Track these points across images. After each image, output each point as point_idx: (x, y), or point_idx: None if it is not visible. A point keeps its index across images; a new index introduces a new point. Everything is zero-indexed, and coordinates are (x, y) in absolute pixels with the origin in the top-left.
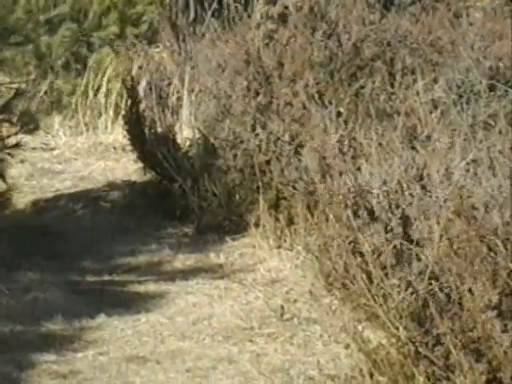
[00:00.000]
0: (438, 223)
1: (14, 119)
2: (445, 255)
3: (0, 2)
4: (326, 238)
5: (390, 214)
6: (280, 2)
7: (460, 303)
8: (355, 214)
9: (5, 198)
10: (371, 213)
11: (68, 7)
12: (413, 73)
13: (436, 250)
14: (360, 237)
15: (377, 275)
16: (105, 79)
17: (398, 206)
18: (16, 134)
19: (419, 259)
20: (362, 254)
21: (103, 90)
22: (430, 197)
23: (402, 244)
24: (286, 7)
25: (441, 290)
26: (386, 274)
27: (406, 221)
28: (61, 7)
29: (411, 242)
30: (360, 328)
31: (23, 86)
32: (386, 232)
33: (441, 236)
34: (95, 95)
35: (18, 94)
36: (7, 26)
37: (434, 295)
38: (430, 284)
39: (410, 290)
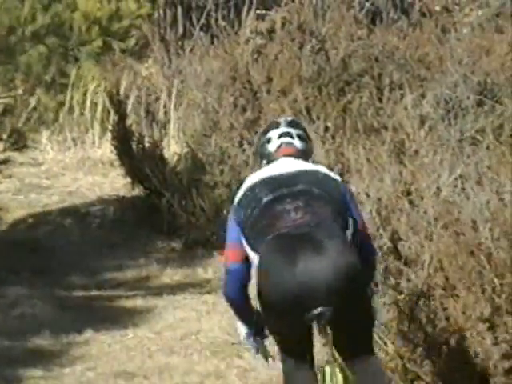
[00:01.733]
0: (429, 239)
1: (3, 136)
2: (435, 271)
3: None
4: None
5: (381, 232)
6: (268, 18)
7: (448, 319)
8: None
9: None
10: None
11: (49, 19)
12: (400, 88)
13: (426, 267)
14: None
15: None
16: (89, 94)
17: (389, 224)
18: (4, 150)
19: (409, 280)
20: None
21: (88, 104)
22: (418, 212)
23: (392, 262)
24: (275, 22)
25: (428, 306)
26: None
27: (395, 238)
28: (43, 18)
29: (400, 257)
30: None
31: (11, 101)
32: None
33: (431, 255)
34: (81, 110)
35: (6, 110)
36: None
37: (423, 311)
38: (418, 301)
39: (399, 309)
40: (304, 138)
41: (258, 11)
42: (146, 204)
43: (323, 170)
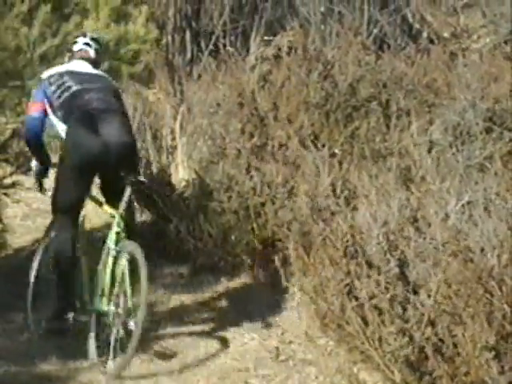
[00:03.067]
0: (437, 266)
1: (11, 159)
2: (442, 298)
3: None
4: (322, 279)
5: (388, 257)
6: (274, 44)
7: (455, 346)
8: (351, 258)
9: (0, 238)
10: (367, 258)
11: (58, 41)
12: (408, 114)
13: (434, 294)
14: (357, 283)
15: (373, 320)
16: None
17: (396, 249)
18: (12, 174)
19: (416, 308)
20: (357, 298)
21: None
22: (425, 239)
23: (398, 290)
24: (280, 49)
25: (436, 334)
26: (383, 321)
27: (403, 263)
28: (52, 40)
29: (408, 283)
30: (355, 370)
31: (19, 126)
32: (385, 276)
33: (438, 281)
34: None
35: (14, 134)
36: (7, 70)
37: (430, 340)
38: (426, 330)
39: (406, 338)
40: (99, 51)
41: (265, 37)
42: (154, 229)
43: (108, 76)
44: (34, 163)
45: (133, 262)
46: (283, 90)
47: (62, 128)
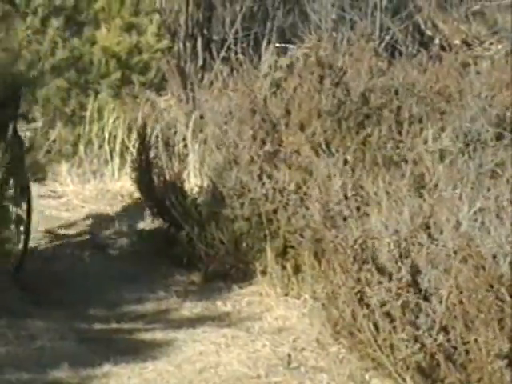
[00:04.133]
0: (448, 273)
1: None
2: (453, 305)
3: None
4: (333, 286)
5: (399, 264)
6: (290, 54)
7: (467, 352)
8: (363, 263)
9: (13, 245)
10: (378, 266)
11: (68, 53)
12: (420, 121)
13: (445, 301)
14: (368, 290)
15: (384, 327)
16: (107, 127)
17: (407, 256)
18: None
19: (427, 314)
20: (368, 305)
21: (106, 137)
22: (437, 245)
23: (410, 297)
24: (297, 58)
25: (448, 341)
26: (394, 328)
27: (415, 270)
28: (62, 53)
29: (420, 291)
30: (367, 377)
31: (31, 134)
32: (396, 282)
33: (450, 287)
34: (100, 143)
35: (32, 147)
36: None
37: (441, 346)
38: (438, 336)
39: (418, 344)
40: None
41: (277, 44)
42: (166, 236)
43: None
44: None
45: None
46: (295, 97)
47: None
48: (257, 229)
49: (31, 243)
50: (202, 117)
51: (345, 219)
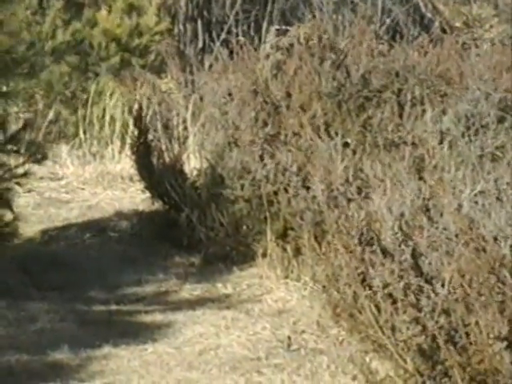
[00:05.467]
0: (449, 256)
1: (22, 149)
2: (455, 288)
3: (6, 33)
4: (334, 268)
5: (402, 247)
6: (290, 34)
7: (468, 335)
8: (367, 244)
9: (12, 227)
10: (382, 247)
11: (69, 35)
12: (421, 104)
13: (447, 284)
14: (371, 271)
15: (386, 309)
16: (108, 109)
17: (409, 239)
18: (24, 163)
19: (429, 297)
20: (370, 286)
21: (107, 119)
22: (437, 228)
23: (412, 279)
24: (297, 39)
25: (449, 323)
26: (396, 309)
27: (416, 253)
28: (63, 36)
29: (421, 274)
30: (367, 359)
31: (31, 115)
32: (399, 265)
33: (452, 270)
34: (100, 125)
35: (26, 124)
36: (14, 56)
37: (443, 329)
38: (440, 319)
39: (420, 326)
40: None
41: (277, 27)
42: (166, 219)
43: None
44: None
45: None
46: (296, 79)
47: None
48: (257, 211)
49: (33, 226)
50: (201, 99)
51: (349, 200)
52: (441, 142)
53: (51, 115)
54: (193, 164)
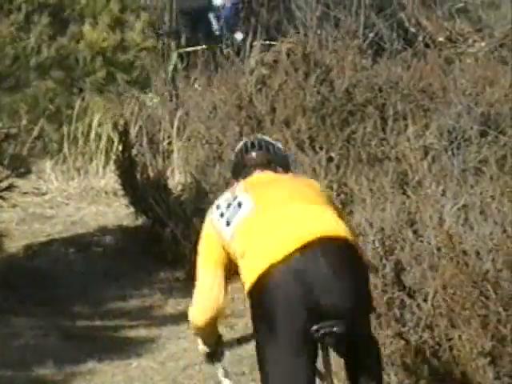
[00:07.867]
0: (432, 270)
1: (5, 161)
2: (439, 302)
3: None
4: None
5: (384, 261)
6: (273, 49)
7: (451, 349)
8: None
9: None
10: None
11: (54, 51)
12: (404, 118)
13: (430, 298)
14: None
15: None
16: (93, 125)
17: (392, 253)
18: (7, 177)
19: (413, 312)
20: None
21: (92, 135)
22: (421, 242)
23: (395, 293)
24: (280, 53)
25: (433, 338)
26: (380, 324)
27: (399, 268)
28: (48, 51)
29: (404, 287)
30: None
31: (14, 130)
32: (381, 279)
33: (435, 285)
34: (85, 141)
35: (9, 137)
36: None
37: (426, 343)
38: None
39: (403, 341)
40: None
41: (262, 42)
42: (150, 234)
43: None
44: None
45: None
46: (280, 94)
47: None
48: None
49: (17, 241)
50: (186, 113)
51: None
52: (424, 157)
53: (36, 131)
54: (177, 179)
